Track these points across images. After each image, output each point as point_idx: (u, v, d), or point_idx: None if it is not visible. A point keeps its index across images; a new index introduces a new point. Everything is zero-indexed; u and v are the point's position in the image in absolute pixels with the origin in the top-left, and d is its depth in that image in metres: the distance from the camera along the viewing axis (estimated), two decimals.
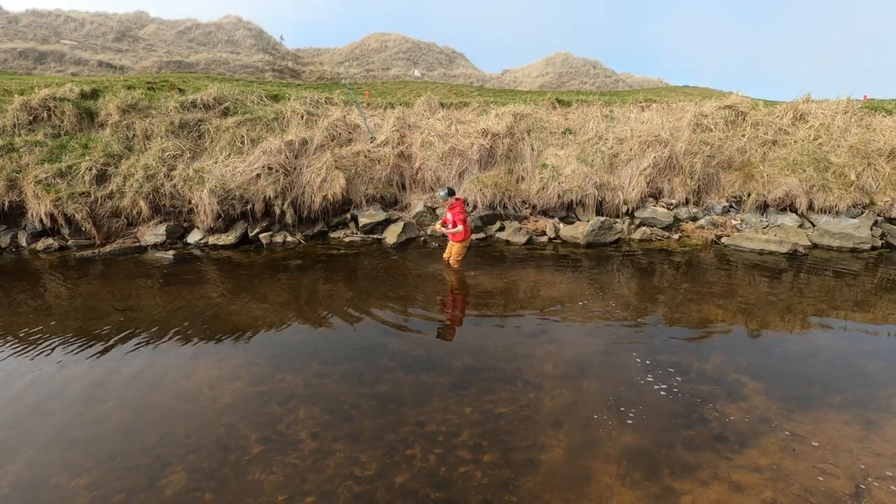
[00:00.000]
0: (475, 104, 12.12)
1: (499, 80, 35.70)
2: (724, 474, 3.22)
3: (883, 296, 6.76)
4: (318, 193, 9.42)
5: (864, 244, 8.90)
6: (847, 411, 3.91)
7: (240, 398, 4.15)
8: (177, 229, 9.20)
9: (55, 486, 3.14)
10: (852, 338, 5.43)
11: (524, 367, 4.68)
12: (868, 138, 10.43)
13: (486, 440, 3.61)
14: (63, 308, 6.22)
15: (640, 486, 3.13)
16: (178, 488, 3.12)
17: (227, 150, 9.82)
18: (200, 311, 6.10)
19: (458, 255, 7.64)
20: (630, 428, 3.72)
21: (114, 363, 4.77)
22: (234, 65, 27.51)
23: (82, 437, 3.64)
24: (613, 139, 10.68)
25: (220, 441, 3.59)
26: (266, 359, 4.87)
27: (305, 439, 3.61)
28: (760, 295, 6.72)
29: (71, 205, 8.62)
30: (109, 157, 9.30)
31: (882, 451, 3.43)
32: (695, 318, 5.90)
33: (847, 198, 9.41)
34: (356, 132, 10.80)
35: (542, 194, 9.96)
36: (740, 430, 3.69)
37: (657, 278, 7.49)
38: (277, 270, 7.77)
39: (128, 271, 7.69)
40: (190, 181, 9.12)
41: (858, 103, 11.65)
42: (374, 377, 4.50)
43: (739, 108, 11.19)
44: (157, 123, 9.94)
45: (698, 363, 4.72)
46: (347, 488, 3.12)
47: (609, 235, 9.39)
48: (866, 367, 4.72)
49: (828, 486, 3.10)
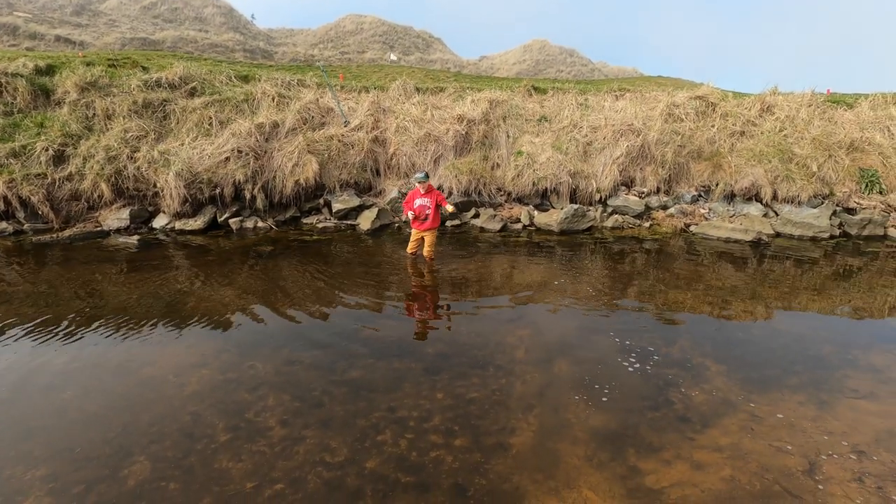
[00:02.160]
0: (451, 90, 12.00)
1: (476, 66, 35.45)
2: (687, 454, 3.33)
3: (838, 282, 7.06)
4: (290, 178, 9.21)
5: (823, 233, 9.26)
6: (802, 392, 4.09)
7: (207, 386, 4.06)
8: (141, 213, 8.87)
9: (9, 477, 3.02)
10: (809, 322, 5.66)
11: (496, 352, 4.72)
12: (830, 131, 10.80)
13: (457, 425, 3.63)
14: (19, 294, 5.94)
15: (606, 467, 3.20)
16: (142, 478, 3.04)
17: (194, 131, 9.48)
18: (167, 297, 5.92)
19: (435, 244, 7.17)
20: (598, 411, 3.80)
21: (74, 351, 4.60)
22: (203, 43, 26.49)
23: (39, 428, 3.50)
24: (588, 127, 10.76)
25: (185, 430, 3.51)
26: (235, 346, 4.77)
27: (275, 426, 3.56)
28: (725, 282, 6.93)
29: (26, 187, 8.20)
30: (67, 137, 8.87)
31: (833, 429, 3.60)
32: (663, 303, 6.05)
33: (809, 188, 9.75)
34: (329, 116, 10.57)
35: (517, 181, 9.99)
36: (703, 411, 3.82)
37: (628, 265, 7.64)
38: (248, 256, 7.59)
39: (89, 257, 7.39)
40: (155, 163, 8.79)
41: (822, 97, 12.03)
42: (346, 364, 4.46)
43: (710, 99, 11.41)
44: (119, 103, 9.51)
45: (665, 347, 4.85)
46: (317, 474, 3.10)
47: (582, 223, 9.51)
48: (821, 351, 4.93)
49: (783, 462, 3.24)
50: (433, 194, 6.87)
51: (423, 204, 6.79)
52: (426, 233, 6.97)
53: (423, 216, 6.77)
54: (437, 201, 6.85)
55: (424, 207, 6.77)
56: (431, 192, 6.87)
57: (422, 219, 6.78)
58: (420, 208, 6.78)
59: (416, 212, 6.78)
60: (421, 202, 6.79)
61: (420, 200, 6.81)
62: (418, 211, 6.76)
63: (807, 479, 3.10)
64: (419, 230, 6.95)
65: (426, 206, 6.76)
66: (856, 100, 12.11)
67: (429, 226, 6.90)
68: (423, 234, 6.97)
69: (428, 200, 6.80)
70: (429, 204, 6.76)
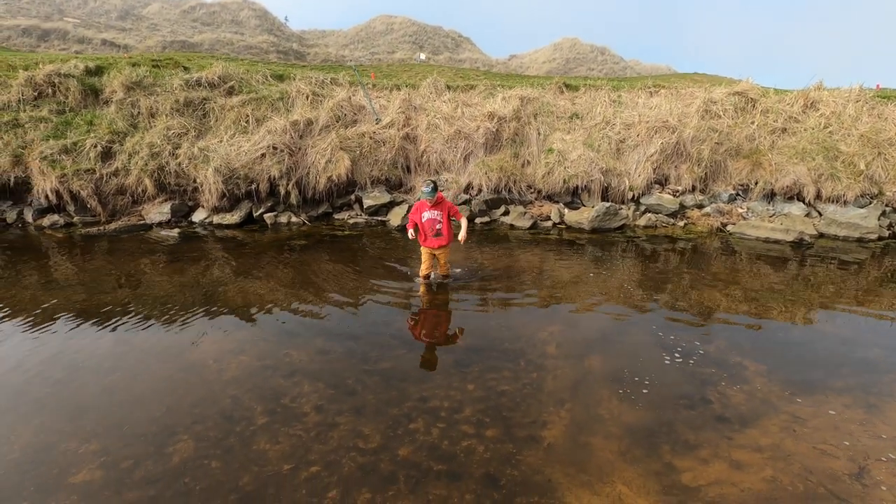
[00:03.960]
0: (482, 87, 12.00)
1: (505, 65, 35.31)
2: (725, 453, 3.25)
3: (887, 286, 6.73)
4: (323, 174, 9.39)
5: (870, 234, 8.84)
6: (849, 395, 3.92)
7: (245, 371, 4.19)
8: (181, 208, 9.21)
9: (65, 451, 3.19)
10: (855, 326, 5.42)
11: (527, 347, 4.70)
12: (879, 127, 10.29)
13: (488, 416, 3.64)
14: (70, 283, 6.25)
15: (640, 462, 3.16)
16: (186, 456, 3.17)
17: (231, 129, 9.77)
18: (206, 287, 6.13)
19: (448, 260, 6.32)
20: (632, 407, 3.74)
21: (120, 336, 4.82)
22: (239, 45, 27.27)
23: (90, 406, 3.69)
24: (621, 124, 10.58)
25: (225, 412, 3.63)
26: (271, 334, 4.91)
27: (310, 412, 3.65)
28: (764, 282, 6.70)
29: (76, 181, 8.62)
30: (114, 135, 9.28)
31: (883, 433, 3.45)
32: (698, 303, 5.90)
33: (855, 187, 9.32)
34: (361, 113, 10.73)
35: (548, 179, 9.91)
36: (741, 411, 3.71)
37: (661, 264, 7.48)
38: (282, 250, 7.79)
39: (133, 248, 7.72)
40: (195, 160, 9.10)
41: (871, 92, 11.47)
42: (378, 354, 4.53)
43: (749, 95, 11.04)
44: (162, 101, 9.89)
45: (701, 346, 4.73)
46: (351, 459, 3.16)
47: (614, 221, 9.35)
48: (868, 354, 4.72)
49: (828, 465, 3.12)
50: (444, 205, 5.92)
51: (432, 218, 5.82)
52: (440, 251, 6.05)
53: (435, 232, 5.85)
54: (451, 213, 5.95)
55: (434, 222, 5.82)
56: (442, 203, 5.92)
57: (433, 234, 5.87)
58: (429, 223, 5.83)
59: (425, 228, 5.86)
60: (430, 216, 5.81)
61: (429, 214, 5.81)
62: (427, 226, 5.84)
63: (854, 483, 2.97)
64: (430, 248, 5.98)
65: (436, 219, 5.83)
66: None
67: (443, 242, 5.96)
68: (436, 252, 6.06)
69: (438, 214, 5.83)
70: (440, 217, 5.83)
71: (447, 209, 5.91)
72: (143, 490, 2.89)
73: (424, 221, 5.83)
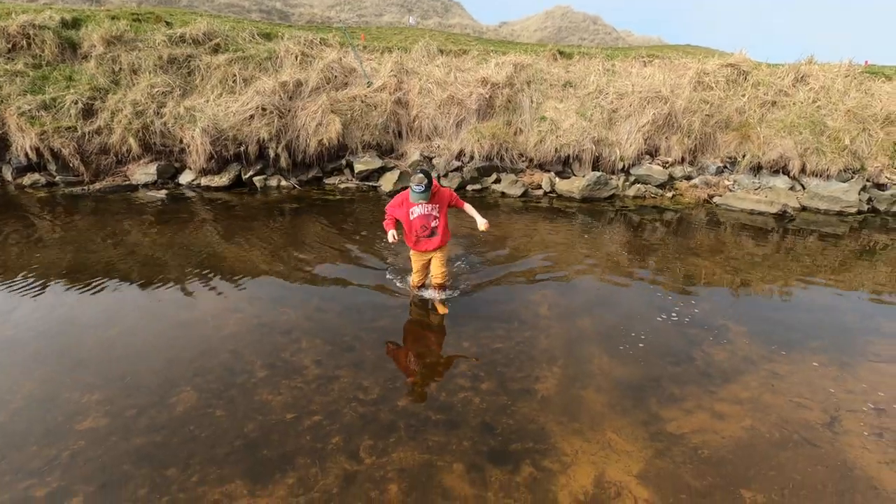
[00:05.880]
0: (475, 52, 11.77)
1: (496, 31, 34.48)
2: (708, 405, 3.43)
3: (863, 257, 6.99)
4: (314, 138, 9.23)
5: (850, 208, 9.09)
6: (824, 354, 4.14)
7: (243, 328, 4.24)
8: (168, 169, 9.01)
9: (68, 400, 3.23)
10: (833, 293, 5.65)
11: (520, 308, 4.82)
12: (865, 103, 10.43)
13: (483, 371, 3.77)
14: (56, 242, 6.15)
15: (629, 413, 3.32)
16: (189, 406, 3.24)
17: (218, 88, 9.49)
18: (196, 248, 6.09)
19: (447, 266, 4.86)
20: (621, 364, 3.90)
21: (113, 294, 4.80)
22: (219, 3, 26.08)
23: (90, 359, 3.72)
24: (614, 94, 10.54)
25: (226, 365, 3.69)
26: (266, 294, 4.94)
27: (309, 366, 3.73)
28: (748, 252, 6.90)
29: (57, 139, 8.34)
30: (95, 91, 8.95)
31: (854, 388, 3.67)
32: (684, 270, 6.07)
33: (839, 162, 9.51)
34: (352, 76, 10.48)
35: (540, 147, 9.89)
36: (724, 368, 3.90)
37: (649, 233, 7.62)
38: (273, 213, 7.73)
39: (119, 209, 7.58)
40: (181, 119, 8.86)
41: (859, 68, 11.57)
42: (374, 314, 4.60)
43: (742, 68, 11.05)
44: (145, 58, 9.52)
45: (686, 309, 4.90)
46: (352, 409, 3.27)
47: (604, 191, 9.44)
48: (844, 319, 4.96)
49: (802, 416, 3.33)
50: (441, 196, 4.45)
51: (424, 214, 4.37)
52: (434, 254, 4.63)
53: (429, 232, 4.46)
54: (451, 204, 4.55)
55: (428, 219, 4.39)
56: (438, 193, 4.42)
57: (425, 235, 4.47)
58: (421, 221, 4.39)
59: (415, 227, 4.42)
60: (422, 212, 4.36)
61: (420, 210, 4.35)
62: (417, 225, 4.40)
63: (826, 431, 3.19)
64: (422, 252, 4.60)
65: (431, 216, 4.39)
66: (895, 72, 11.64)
67: (438, 243, 4.52)
68: (428, 256, 4.67)
69: (434, 208, 4.39)
70: (436, 213, 4.40)
71: (446, 200, 4.48)
72: (149, 436, 2.96)
73: (414, 219, 4.38)
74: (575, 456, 2.90)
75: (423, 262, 4.75)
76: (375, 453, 2.88)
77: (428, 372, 3.75)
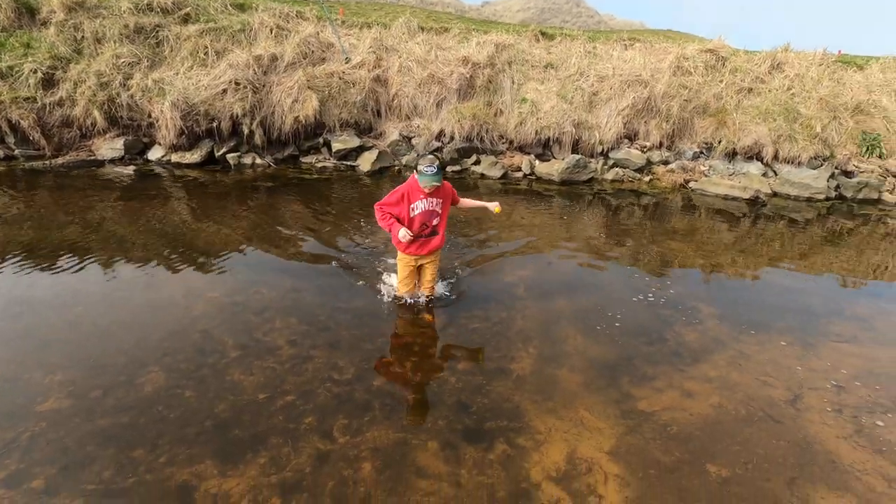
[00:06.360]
0: (456, 31, 11.56)
1: (478, 11, 33.96)
2: (678, 383, 3.51)
3: (829, 242, 7.22)
4: (290, 114, 8.98)
5: (819, 194, 9.35)
6: (790, 335, 4.27)
7: (214, 307, 4.14)
8: (136, 144, 8.66)
9: (28, 381, 3.11)
10: (800, 277, 5.83)
11: (497, 289, 4.83)
12: (837, 92, 10.67)
13: (459, 352, 3.78)
14: (15, 219, 5.87)
15: (602, 391, 3.38)
16: (158, 386, 3.15)
17: (188, 61, 9.11)
18: (167, 226, 5.90)
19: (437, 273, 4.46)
20: (595, 344, 3.96)
21: (78, 273, 4.62)
22: None
23: (54, 339, 3.58)
24: (594, 77, 10.51)
25: (196, 345, 3.60)
26: (240, 274, 4.82)
27: (283, 346, 3.67)
28: (720, 236, 7.05)
29: (15, 110, 7.91)
30: (56, 60, 8.48)
31: (816, 367, 3.80)
32: (658, 253, 6.16)
33: (810, 149, 9.73)
34: (330, 51, 10.18)
35: (520, 129, 9.84)
36: (694, 348, 3.99)
37: (625, 217, 7.71)
38: (247, 191, 7.53)
39: (84, 185, 7.27)
40: (149, 92, 8.49)
41: (833, 57, 11.79)
42: (350, 294, 4.55)
43: (720, 53, 11.14)
44: (110, 26, 9.04)
45: (660, 291, 4.99)
46: (327, 389, 3.23)
47: (583, 174, 9.49)
48: (809, 301, 5.11)
49: (767, 393, 3.44)
50: (445, 189, 3.96)
51: (427, 210, 3.89)
52: (428, 258, 4.16)
53: (429, 230, 3.97)
54: (455, 199, 4.16)
55: (432, 215, 3.92)
56: (442, 186, 3.91)
57: (425, 234, 3.97)
58: (424, 218, 3.90)
59: (415, 225, 3.90)
60: (425, 207, 3.87)
61: (423, 205, 3.86)
62: (418, 223, 3.89)
63: (789, 408, 3.30)
64: (416, 255, 4.07)
65: (434, 212, 3.92)
66: (867, 62, 11.90)
67: (436, 245, 4.09)
68: (423, 261, 4.17)
69: (438, 203, 3.92)
70: (439, 209, 3.95)
71: (450, 194, 4.04)
72: (114, 417, 2.87)
73: (416, 216, 3.87)
74: (548, 433, 2.94)
75: (414, 267, 4.16)
76: (349, 432, 2.86)
77: (404, 352, 3.73)
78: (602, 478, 2.64)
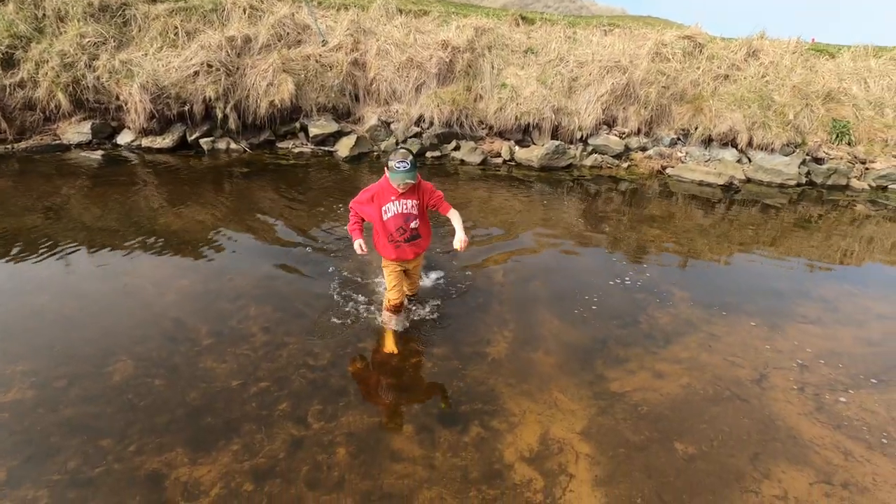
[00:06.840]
0: (435, 13, 11.39)
1: None
2: (650, 365, 3.58)
3: (798, 226, 7.40)
4: (265, 98, 8.77)
5: (790, 180, 9.57)
6: (758, 317, 4.39)
7: (187, 295, 4.06)
8: (104, 128, 8.37)
9: None
10: (770, 261, 5.97)
11: (475, 275, 4.84)
12: (809, 79, 10.86)
13: (436, 336, 3.78)
14: None
15: (576, 374, 3.43)
16: (127, 375, 3.09)
17: (158, 41, 8.79)
18: (137, 213, 5.74)
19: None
20: (570, 327, 4.01)
21: (43, 261, 4.48)
22: None
23: (16, 328, 3.47)
24: (574, 62, 10.49)
25: (168, 333, 3.54)
26: (213, 261, 4.73)
27: (257, 333, 3.63)
28: (695, 222, 7.17)
29: None
30: (16, 39, 8.10)
31: (782, 347, 3.92)
32: (635, 239, 6.24)
33: (783, 136, 9.93)
34: (306, 33, 9.94)
35: (500, 115, 9.79)
36: (667, 330, 4.07)
37: (603, 203, 7.78)
38: (221, 177, 7.36)
39: (49, 170, 7.01)
40: (116, 74, 8.19)
41: (806, 45, 11.99)
42: (326, 281, 4.50)
43: (698, 40, 11.21)
44: (73, 3, 8.65)
45: (635, 276, 5.06)
46: (301, 375, 3.22)
47: (562, 160, 9.52)
48: (777, 285, 5.25)
49: (734, 373, 3.54)
50: (422, 189, 3.56)
51: (403, 213, 3.47)
52: (414, 262, 3.81)
53: (411, 234, 3.54)
54: (431, 204, 3.61)
55: (407, 219, 3.49)
56: (419, 188, 3.54)
57: (404, 239, 3.54)
58: (398, 220, 3.47)
59: (390, 229, 3.49)
60: (399, 209, 3.46)
61: (397, 206, 3.45)
62: (393, 226, 3.48)
63: (754, 387, 3.40)
64: (400, 261, 3.65)
65: (410, 214, 3.50)
66: (838, 50, 12.13)
67: (421, 248, 3.72)
68: (408, 266, 3.78)
69: (413, 204, 3.50)
70: (415, 210, 3.52)
71: (427, 197, 3.58)
72: (80, 407, 2.81)
73: (388, 219, 3.46)
74: (522, 416, 2.98)
75: (401, 271, 3.74)
76: (324, 418, 2.85)
77: (381, 338, 3.72)
78: (573, 457, 2.69)
